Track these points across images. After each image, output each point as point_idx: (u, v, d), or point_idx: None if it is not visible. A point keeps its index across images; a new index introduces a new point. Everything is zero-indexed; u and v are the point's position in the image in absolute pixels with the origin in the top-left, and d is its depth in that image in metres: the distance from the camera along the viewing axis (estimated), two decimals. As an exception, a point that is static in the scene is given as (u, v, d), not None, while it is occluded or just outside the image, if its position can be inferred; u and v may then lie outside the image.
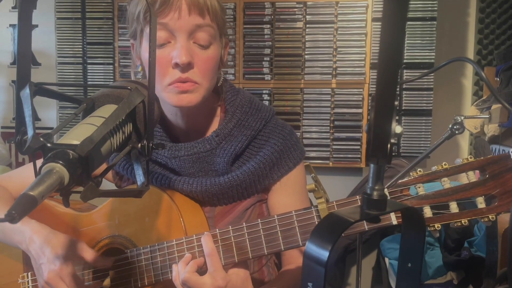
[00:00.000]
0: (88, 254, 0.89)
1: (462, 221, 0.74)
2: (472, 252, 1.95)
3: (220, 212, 0.98)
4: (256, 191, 0.98)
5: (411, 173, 0.79)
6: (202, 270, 0.83)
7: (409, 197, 0.78)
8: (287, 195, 0.99)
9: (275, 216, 0.84)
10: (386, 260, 2.20)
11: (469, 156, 0.76)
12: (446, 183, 0.76)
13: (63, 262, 0.85)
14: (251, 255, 0.85)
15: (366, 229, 0.83)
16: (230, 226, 0.86)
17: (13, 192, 1.04)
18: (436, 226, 0.75)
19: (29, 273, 1.00)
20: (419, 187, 0.77)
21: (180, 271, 0.82)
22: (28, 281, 0.99)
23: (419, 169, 0.78)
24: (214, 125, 0.99)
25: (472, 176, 0.75)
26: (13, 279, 1.01)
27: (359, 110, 2.48)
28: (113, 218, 0.95)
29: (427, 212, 0.76)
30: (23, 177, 1.05)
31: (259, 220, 0.84)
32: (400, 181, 0.79)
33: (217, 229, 0.87)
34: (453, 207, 0.75)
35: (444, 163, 0.77)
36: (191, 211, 0.95)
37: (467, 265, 1.96)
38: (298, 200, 1.00)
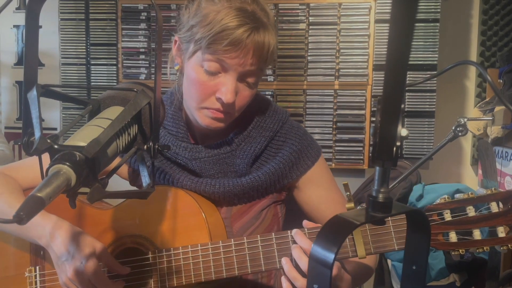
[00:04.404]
0: (106, 257, 0.89)
1: (484, 248, 0.80)
2: (475, 254, 1.94)
3: (236, 213, 0.99)
4: (275, 190, 1.00)
5: (439, 199, 0.84)
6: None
7: (437, 222, 0.83)
8: (317, 187, 1.02)
9: (288, 232, 0.87)
10: (389, 261, 2.20)
11: (493, 188, 0.82)
12: (471, 211, 0.82)
13: (88, 259, 0.85)
14: (264, 268, 0.87)
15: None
16: (245, 238, 0.88)
17: (23, 183, 1.02)
18: (460, 251, 0.81)
19: (37, 267, 0.98)
20: (446, 213, 0.83)
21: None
22: (35, 275, 0.98)
23: (447, 196, 0.84)
24: (233, 126, 0.99)
25: (494, 206, 0.81)
26: (19, 271, 0.99)
27: (362, 112, 2.48)
28: (133, 218, 0.95)
29: (453, 237, 0.82)
30: (34, 168, 1.02)
31: (273, 234, 0.88)
32: (429, 206, 0.84)
33: (232, 240, 0.88)
34: (476, 234, 0.81)
35: (470, 192, 0.83)
36: (210, 213, 0.95)
37: (469, 267, 1.96)
38: (329, 189, 1.03)
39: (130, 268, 0.92)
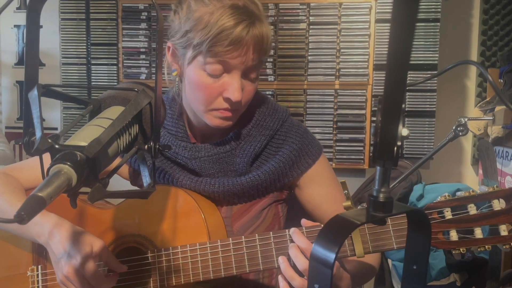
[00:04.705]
0: (105, 254, 0.89)
1: (486, 246, 0.79)
2: (475, 254, 1.94)
3: (237, 212, 0.99)
4: (276, 189, 1.00)
5: (439, 197, 0.82)
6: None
7: (437, 220, 0.81)
8: (318, 186, 1.02)
9: (286, 231, 0.87)
10: (389, 261, 2.20)
11: (495, 186, 0.80)
12: (473, 209, 0.80)
13: (85, 257, 0.85)
14: (262, 267, 0.87)
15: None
16: (243, 237, 0.88)
17: (24, 183, 1.03)
18: (461, 249, 0.80)
19: (39, 266, 0.99)
20: (447, 211, 0.81)
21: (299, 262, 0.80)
22: (37, 274, 0.98)
23: (447, 194, 0.82)
24: (233, 125, 0.99)
25: (496, 204, 0.79)
26: (21, 271, 1.00)
27: (362, 111, 2.48)
28: (133, 217, 0.95)
29: (453, 235, 0.80)
30: (36, 169, 1.03)
31: (271, 233, 0.87)
32: (429, 204, 0.83)
33: (230, 239, 0.88)
34: (478, 232, 0.79)
35: (471, 190, 0.81)
36: (210, 212, 0.96)
37: (470, 267, 1.96)
38: (330, 187, 1.02)
39: (128, 267, 0.92)
